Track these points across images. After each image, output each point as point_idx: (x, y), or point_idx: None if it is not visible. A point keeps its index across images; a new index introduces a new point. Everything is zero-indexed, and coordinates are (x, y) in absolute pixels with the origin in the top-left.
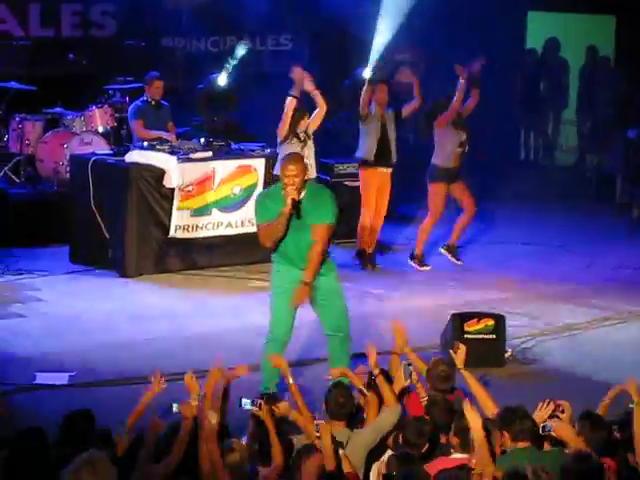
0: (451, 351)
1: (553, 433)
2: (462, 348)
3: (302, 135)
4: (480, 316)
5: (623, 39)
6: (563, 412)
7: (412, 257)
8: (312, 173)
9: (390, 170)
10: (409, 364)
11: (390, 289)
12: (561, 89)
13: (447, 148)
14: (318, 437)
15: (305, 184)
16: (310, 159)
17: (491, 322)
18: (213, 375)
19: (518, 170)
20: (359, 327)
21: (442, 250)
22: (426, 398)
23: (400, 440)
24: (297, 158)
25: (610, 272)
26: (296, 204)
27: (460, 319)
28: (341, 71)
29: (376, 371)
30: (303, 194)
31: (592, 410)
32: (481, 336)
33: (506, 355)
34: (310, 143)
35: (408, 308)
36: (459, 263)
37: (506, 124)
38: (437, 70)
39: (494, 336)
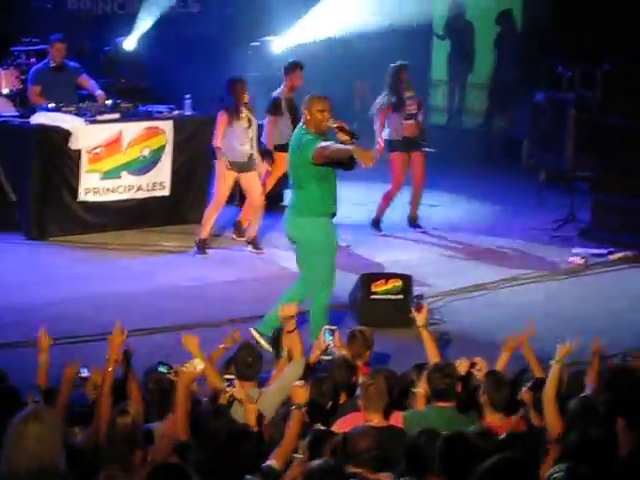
0: (414, 310)
1: None
2: (424, 308)
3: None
4: (388, 277)
5: (530, 3)
6: (480, 370)
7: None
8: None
9: None
10: (331, 329)
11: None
12: (467, 53)
13: (395, 124)
14: (229, 392)
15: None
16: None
17: (398, 283)
18: (115, 339)
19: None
20: (272, 288)
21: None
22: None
23: None
24: (320, 96)
25: (518, 234)
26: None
27: (368, 280)
28: (250, 35)
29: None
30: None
31: (495, 369)
32: (388, 296)
33: (411, 315)
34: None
35: None
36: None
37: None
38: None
39: (401, 296)
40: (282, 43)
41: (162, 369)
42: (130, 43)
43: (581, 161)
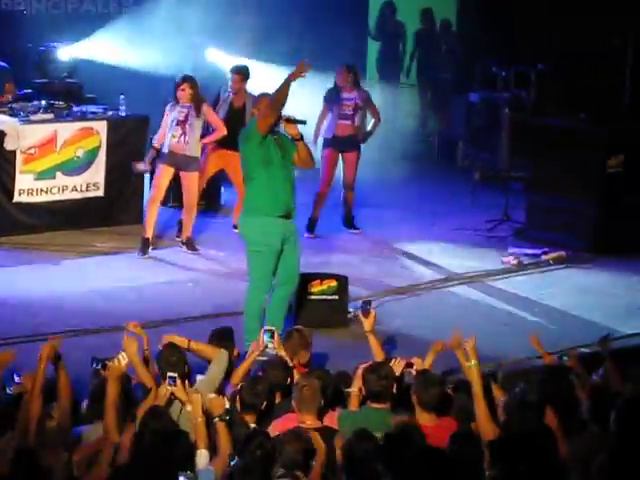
0: (361, 315)
1: None
2: (372, 313)
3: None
4: (323, 277)
5: (464, 2)
6: (416, 370)
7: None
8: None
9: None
10: (270, 330)
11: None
12: (397, 53)
13: (329, 122)
14: (170, 390)
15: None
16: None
17: (334, 283)
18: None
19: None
20: (207, 289)
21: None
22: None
23: (238, 401)
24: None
25: (452, 234)
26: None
27: (303, 280)
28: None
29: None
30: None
31: (427, 369)
32: (324, 297)
33: (349, 315)
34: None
35: None
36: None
37: None
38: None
39: (337, 297)
40: None
41: (95, 365)
42: (65, 43)
43: (515, 161)
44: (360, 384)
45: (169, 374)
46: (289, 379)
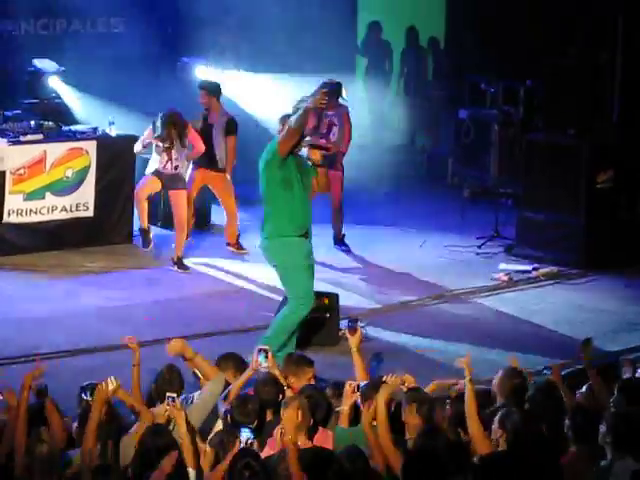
0: (347, 333)
1: None
2: (358, 331)
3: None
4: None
5: (452, 20)
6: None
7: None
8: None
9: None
10: (265, 350)
11: (220, 269)
12: (383, 71)
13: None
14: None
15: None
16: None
17: (325, 301)
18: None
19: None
20: (198, 308)
21: None
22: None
23: (229, 419)
24: None
25: (443, 251)
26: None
27: None
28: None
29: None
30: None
31: (417, 386)
32: (315, 315)
33: (340, 333)
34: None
35: (241, 289)
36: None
37: None
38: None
39: (327, 315)
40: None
41: (85, 396)
42: (52, 64)
43: (505, 177)
44: (351, 402)
45: (168, 394)
46: (280, 396)
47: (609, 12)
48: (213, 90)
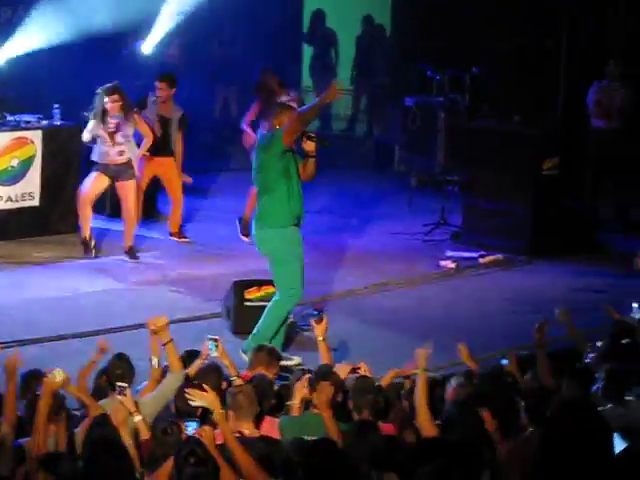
0: (313, 322)
1: None
2: (324, 321)
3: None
4: (261, 283)
5: (398, 7)
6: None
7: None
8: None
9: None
10: (214, 339)
11: (169, 258)
12: (329, 59)
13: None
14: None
15: None
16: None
17: (272, 289)
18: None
19: None
20: (145, 297)
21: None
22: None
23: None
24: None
25: (389, 239)
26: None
27: (241, 286)
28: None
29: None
30: None
31: (365, 375)
32: (262, 303)
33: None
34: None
35: (188, 277)
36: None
37: None
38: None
39: None
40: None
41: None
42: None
43: (452, 165)
44: (301, 396)
45: (119, 384)
46: (225, 384)
47: (555, 0)
48: (174, 83)
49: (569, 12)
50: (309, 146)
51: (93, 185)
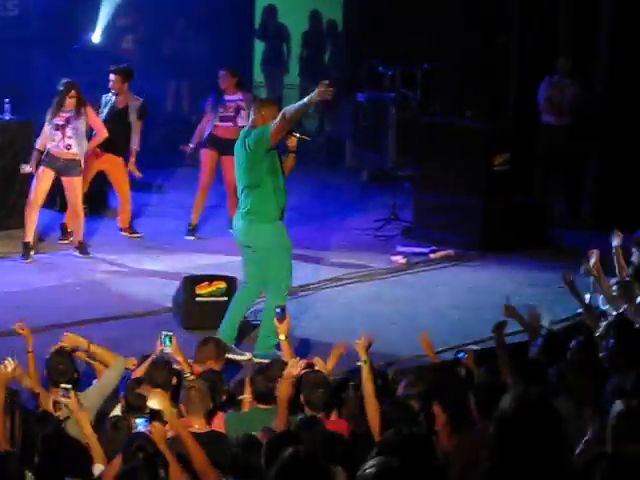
0: (276, 321)
1: None
2: (287, 319)
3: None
4: (212, 279)
5: (349, 3)
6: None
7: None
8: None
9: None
10: (167, 336)
11: (120, 253)
12: (281, 55)
13: (209, 124)
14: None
15: None
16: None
17: (223, 284)
18: None
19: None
20: (96, 293)
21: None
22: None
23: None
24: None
25: (341, 234)
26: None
27: (191, 282)
28: (69, 36)
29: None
30: None
31: (316, 370)
32: (213, 299)
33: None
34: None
35: (139, 273)
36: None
37: None
38: (160, 35)
39: (226, 298)
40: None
41: None
42: None
43: (403, 160)
44: (250, 389)
45: (63, 386)
46: (174, 380)
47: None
48: (127, 75)
49: (519, 10)
50: (291, 142)
51: (40, 188)
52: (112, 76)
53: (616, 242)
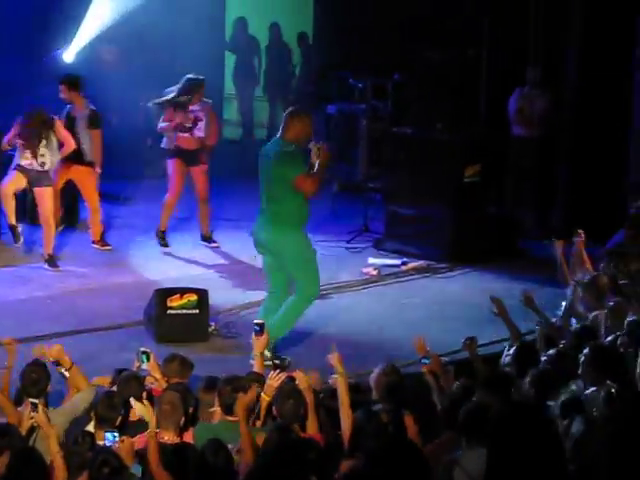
0: (254, 337)
1: None
2: (264, 336)
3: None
4: (183, 291)
5: (320, 15)
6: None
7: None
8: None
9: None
10: (146, 352)
11: (90, 266)
12: (252, 67)
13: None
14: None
15: None
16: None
17: (194, 297)
18: None
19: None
20: (66, 306)
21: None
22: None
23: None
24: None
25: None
26: None
27: (163, 295)
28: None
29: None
30: None
31: (289, 381)
32: (184, 311)
33: (210, 329)
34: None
35: (110, 285)
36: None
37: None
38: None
39: (197, 311)
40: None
41: None
42: None
43: (374, 172)
44: (219, 402)
45: (31, 400)
46: (144, 394)
47: (476, 12)
48: (73, 84)
49: (489, 25)
50: (315, 159)
51: (12, 181)
52: (59, 86)
53: (559, 251)
